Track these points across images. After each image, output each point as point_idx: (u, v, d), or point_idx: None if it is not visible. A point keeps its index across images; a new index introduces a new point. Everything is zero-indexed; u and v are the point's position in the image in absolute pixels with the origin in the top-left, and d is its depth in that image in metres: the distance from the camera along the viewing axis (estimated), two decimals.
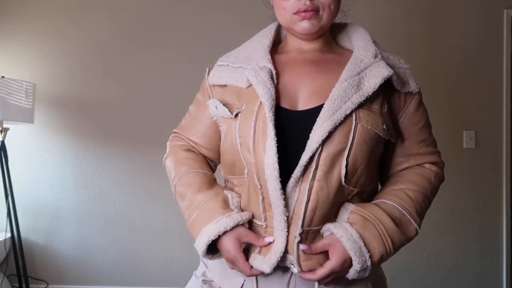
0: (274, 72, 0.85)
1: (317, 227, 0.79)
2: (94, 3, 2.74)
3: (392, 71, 0.82)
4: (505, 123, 2.70)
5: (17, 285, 2.50)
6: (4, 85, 2.29)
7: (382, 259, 0.77)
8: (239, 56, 0.92)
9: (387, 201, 0.83)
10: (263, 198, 0.80)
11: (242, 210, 0.84)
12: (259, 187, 0.79)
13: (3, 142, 2.38)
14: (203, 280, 0.94)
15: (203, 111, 0.96)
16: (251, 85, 0.84)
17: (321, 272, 0.76)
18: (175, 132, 1.04)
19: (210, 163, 0.99)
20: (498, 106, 2.72)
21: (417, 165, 0.91)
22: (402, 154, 0.91)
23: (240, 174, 0.84)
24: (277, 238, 0.77)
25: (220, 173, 0.97)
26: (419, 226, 0.83)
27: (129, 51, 2.72)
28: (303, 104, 0.83)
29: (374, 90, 0.80)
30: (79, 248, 2.68)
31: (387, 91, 0.86)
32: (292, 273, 0.83)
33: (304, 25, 0.84)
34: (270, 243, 0.78)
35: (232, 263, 0.81)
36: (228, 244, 0.79)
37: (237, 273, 0.87)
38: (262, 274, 0.79)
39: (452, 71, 2.72)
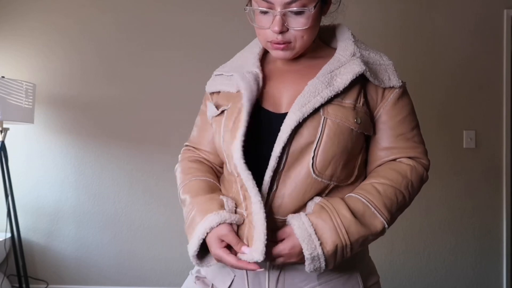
0: (260, 76, 0.90)
1: (283, 218, 0.83)
2: (94, 3, 2.74)
3: (363, 68, 0.84)
4: (505, 123, 2.70)
5: (17, 285, 2.50)
6: (4, 85, 2.29)
7: (337, 249, 0.77)
8: (232, 66, 0.98)
9: (353, 195, 0.84)
10: (241, 186, 0.83)
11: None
12: (236, 175, 0.83)
13: (3, 142, 2.38)
14: (196, 276, 0.96)
15: (206, 120, 1.01)
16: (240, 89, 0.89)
17: (266, 250, 0.77)
18: (186, 145, 1.08)
19: (218, 171, 1.02)
20: (498, 106, 2.72)
21: (394, 159, 0.90)
22: (379, 148, 0.91)
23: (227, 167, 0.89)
24: (257, 223, 0.78)
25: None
26: (388, 220, 0.82)
27: (129, 51, 2.72)
28: (285, 107, 0.87)
29: (345, 85, 0.83)
30: (79, 248, 2.68)
31: (365, 86, 0.88)
32: (281, 268, 0.85)
33: (278, 54, 0.88)
34: (245, 253, 0.78)
35: (218, 260, 0.82)
36: (210, 242, 0.81)
37: (227, 269, 0.89)
38: (255, 266, 0.78)
39: (452, 71, 2.72)
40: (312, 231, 0.76)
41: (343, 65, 0.86)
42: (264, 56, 0.98)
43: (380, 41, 2.71)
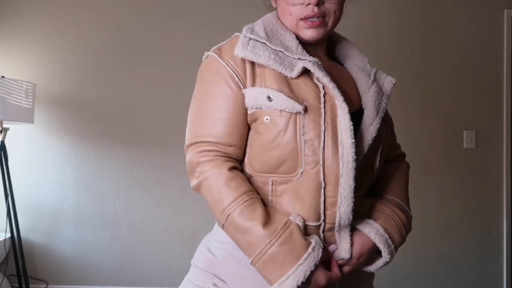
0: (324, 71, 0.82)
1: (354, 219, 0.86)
2: (94, 4, 2.74)
3: (395, 81, 0.93)
4: (505, 123, 2.70)
5: (17, 285, 2.50)
6: (4, 85, 2.29)
7: (398, 247, 0.88)
8: (271, 38, 0.84)
9: (389, 197, 0.93)
10: (326, 197, 0.78)
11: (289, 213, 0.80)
12: (323, 185, 0.78)
13: (3, 142, 2.38)
14: (213, 283, 0.85)
15: (232, 104, 0.82)
16: (300, 75, 0.80)
17: (346, 268, 0.84)
18: (200, 143, 0.84)
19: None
20: (498, 106, 2.72)
21: (394, 157, 1.03)
22: (387, 147, 0.98)
23: (290, 172, 0.79)
24: (343, 230, 0.82)
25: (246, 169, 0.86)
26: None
27: (129, 52, 2.72)
28: (354, 105, 0.87)
29: (390, 93, 0.90)
30: (79, 248, 2.68)
31: None
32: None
33: (310, 33, 0.85)
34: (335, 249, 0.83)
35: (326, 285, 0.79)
36: (318, 278, 0.76)
37: (262, 282, 0.79)
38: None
39: (452, 71, 2.72)
40: (387, 236, 0.84)
41: (374, 73, 0.92)
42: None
43: (380, 41, 2.71)
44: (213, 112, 0.83)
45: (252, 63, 0.82)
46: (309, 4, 0.82)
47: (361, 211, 0.87)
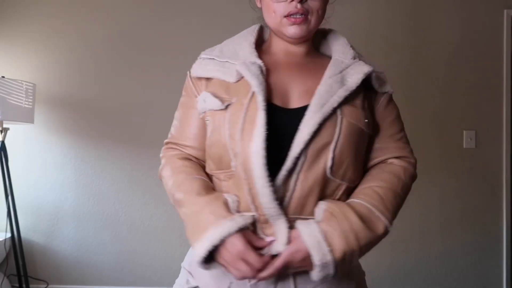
0: (264, 68, 0.87)
1: (306, 216, 0.82)
2: (94, 4, 2.74)
3: (371, 68, 0.87)
4: (505, 123, 2.71)
5: (17, 285, 2.50)
6: (4, 85, 2.29)
7: (346, 255, 0.76)
8: (224, 51, 0.94)
9: (355, 200, 0.85)
10: (249, 189, 0.81)
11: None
12: (245, 177, 0.81)
13: (3, 142, 2.38)
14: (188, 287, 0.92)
15: (191, 113, 0.95)
16: (240, 79, 0.87)
17: (276, 263, 0.78)
18: (167, 143, 1.03)
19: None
20: (498, 106, 2.72)
21: (386, 159, 0.93)
22: (375, 149, 0.93)
23: (227, 167, 0.85)
24: (276, 222, 0.80)
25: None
26: (390, 223, 0.83)
27: (129, 52, 2.72)
28: (294, 102, 0.86)
29: (358, 85, 0.85)
30: (79, 248, 2.68)
31: (365, 89, 0.90)
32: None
33: (293, 30, 0.87)
34: (272, 241, 0.80)
35: (238, 259, 0.77)
36: (235, 242, 0.77)
37: (223, 275, 0.86)
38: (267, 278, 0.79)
39: (452, 71, 2.72)
40: (321, 237, 0.76)
41: (348, 67, 0.88)
42: (258, 49, 0.95)
43: (379, 41, 2.71)
44: (178, 118, 0.99)
45: (207, 78, 0.93)
46: (292, 1, 0.85)
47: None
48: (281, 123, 0.83)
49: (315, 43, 1.00)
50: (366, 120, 0.87)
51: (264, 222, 0.81)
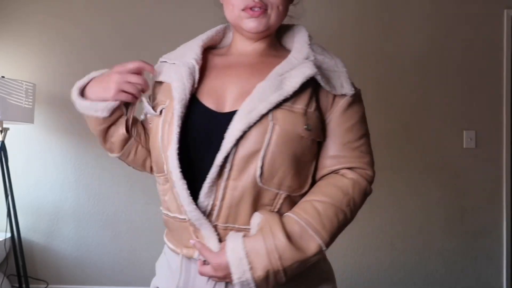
0: (197, 67, 0.86)
1: (239, 226, 0.80)
2: (94, 4, 2.74)
3: (314, 70, 0.79)
4: (505, 123, 2.71)
5: (17, 285, 2.50)
6: (4, 85, 2.29)
7: (269, 275, 0.73)
8: (176, 53, 0.94)
9: (290, 215, 0.78)
10: (174, 192, 0.81)
11: (169, 208, 0.89)
12: (171, 180, 0.81)
13: (3, 142, 2.38)
14: None
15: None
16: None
17: (204, 269, 0.79)
18: None
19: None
20: (498, 106, 2.72)
21: (338, 169, 0.85)
22: (325, 156, 0.85)
23: (162, 171, 0.85)
24: (202, 228, 0.79)
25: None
26: (326, 243, 0.77)
27: (129, 52, 2.72)
28: (230, 106, 0.82)
29: (295, 89, 0.78)
30: (79, 248, 2.68)
31: (318, 91, 0.83)
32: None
33: (252, 24, 0.84)
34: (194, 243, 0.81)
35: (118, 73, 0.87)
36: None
37: (174, 272, 0.89)
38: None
39: (452, 71, 2.72)
40: (243, 254, 0.73)
41: (294, 68, 0.81)
42: (215, 51, 0.94)
43: (379, 41, 2.71)
44: None
45: (159, 81, 0.93)
46: None
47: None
48: (211, 128, 0.80)
49: (282, 38, 0.96)
50: (306, 127, 0.79)
51: (193, 227, 0.81)
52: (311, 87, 0.81)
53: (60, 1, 2.74)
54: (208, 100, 0.83)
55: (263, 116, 0.77)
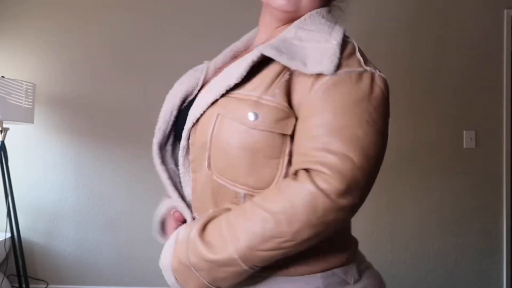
0: (205, 69, 0.92)
1: None
2: (94, 5, 2.74)
3: (258, 55, 0.70)
4: (505, 123, 2.70)
5: (17, 285, 2.50)
6: (4, 85, 2.29)
7: (178, 266, 0.82)
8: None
9: (214, 222, 0.72)
10: None
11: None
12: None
13: (3, 142, 2.38)
14: None
15: None
16: None
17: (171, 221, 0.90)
18: None
19: None
20: (498, 106, 2.72)
21: (297, 170, 0.66)
22: (295, 151, 0.69)
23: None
24: (186, 216, 0.84)
25: None
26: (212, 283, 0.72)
27: (129, 52, 2.72)
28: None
29: (242, 76, 0.70)
30: (79, 248, 2.68)
31: (292, 74, 0.70)
32: None
33: (281, 2, 0.78)
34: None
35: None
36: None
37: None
38: None
39: (452, 71, 2.72)
40: (172, 242, 0.87)
41: (258, 54, 0.72)
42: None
43: (379, 40, 2.71)
44: None
45: None
46: None
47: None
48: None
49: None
50: (251, 115, 0.67)
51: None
52: (279, 70, 0.70)
53: (61, 2, 2.74)
54: (201, 92, 0.84)
55: (210, 106, 0.73)
